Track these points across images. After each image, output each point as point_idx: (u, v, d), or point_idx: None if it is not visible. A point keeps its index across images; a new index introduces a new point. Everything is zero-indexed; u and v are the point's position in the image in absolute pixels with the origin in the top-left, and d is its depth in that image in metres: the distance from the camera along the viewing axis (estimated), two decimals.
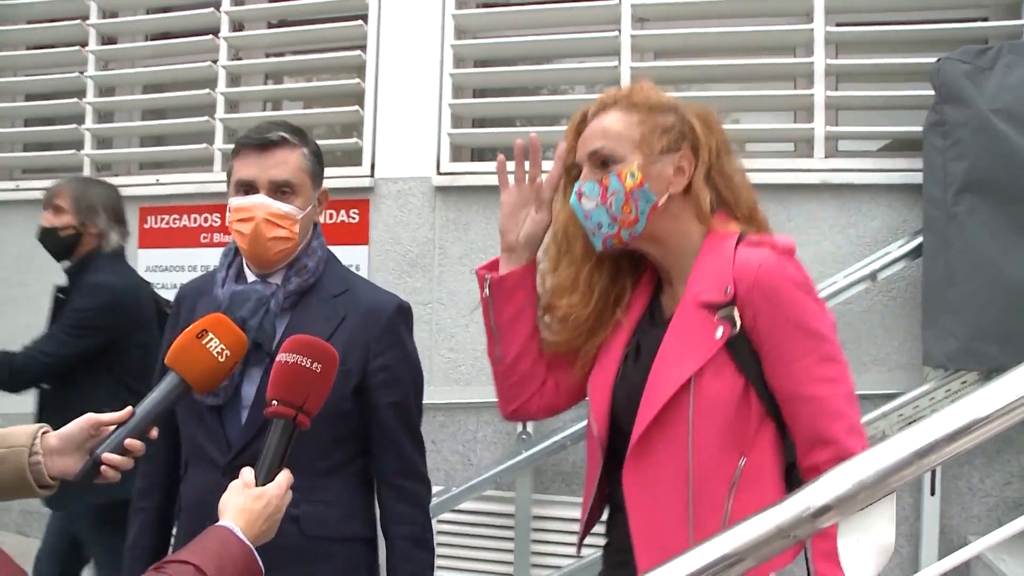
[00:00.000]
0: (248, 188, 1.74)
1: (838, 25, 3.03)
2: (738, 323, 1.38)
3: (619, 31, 3.12)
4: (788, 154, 3.16)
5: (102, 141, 3.85)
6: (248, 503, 1.27)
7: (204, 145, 3.63)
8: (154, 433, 1.41)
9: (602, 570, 1.62)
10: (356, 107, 3.39)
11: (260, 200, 1.72)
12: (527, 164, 1.59)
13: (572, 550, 2.42)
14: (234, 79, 3.66)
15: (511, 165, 1.60)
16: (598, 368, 1.55)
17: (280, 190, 1.75)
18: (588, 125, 1.52)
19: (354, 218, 3.36)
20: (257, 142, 1.74)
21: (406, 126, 3.32)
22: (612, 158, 1.46)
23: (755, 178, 2.96)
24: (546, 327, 1.61)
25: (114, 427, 1.38)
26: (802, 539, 0.80)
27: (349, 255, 3.34)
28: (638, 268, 1.59)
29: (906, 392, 2.76)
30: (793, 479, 1.45)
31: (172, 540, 1.82)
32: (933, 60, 2.74)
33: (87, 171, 3.77)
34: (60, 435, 1.39)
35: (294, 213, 1.75)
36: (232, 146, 1.79)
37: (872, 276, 2.83)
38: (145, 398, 1.41)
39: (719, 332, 1.38)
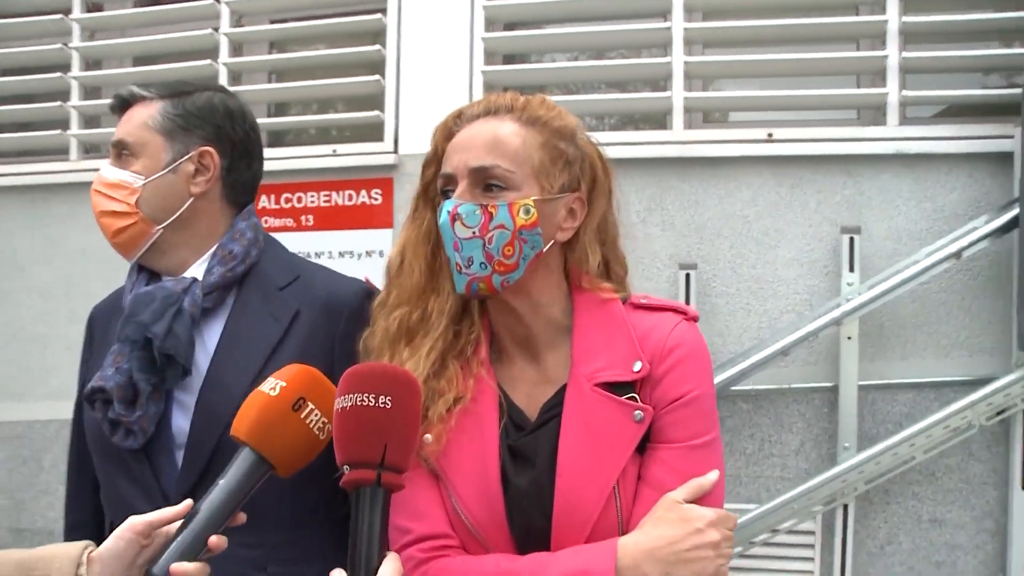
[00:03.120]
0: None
1: None
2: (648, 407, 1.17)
3: None
4: (854, 122, 2.91)
5: (89, 120, 3.51)
6: None
7: None
8: (241, 518, 1.09)
9: None
10: (376, 76, 3.10)
11: (99, 171, 1.48)
12: None
13: None
14: (236, 48, 3.34)
15: None
16: (461, 472, 1.19)
17: (118, 154, 1.47)
18: (468, 127, 1.21)
19: (376, 199, 3.07)
20: (118, 103, 1.49)
21: (432, 96, 3.03)
22: (505, 183, 1.17)
23: (821, 148, 2.80)
24: None
25: (177, 525, 1.05)
26: None
27: (371, 240, 3.06)
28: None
29: (993, 377, 2.52)
30: None
31: None
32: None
33: (73, 153, 3.44)
34: (104, 557, 1.08)
35: (127, 180, 1.43)
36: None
37: (957, 254, 2.57)
38: (213, 486, 1.06)
39: (638, 416, 1.15)
